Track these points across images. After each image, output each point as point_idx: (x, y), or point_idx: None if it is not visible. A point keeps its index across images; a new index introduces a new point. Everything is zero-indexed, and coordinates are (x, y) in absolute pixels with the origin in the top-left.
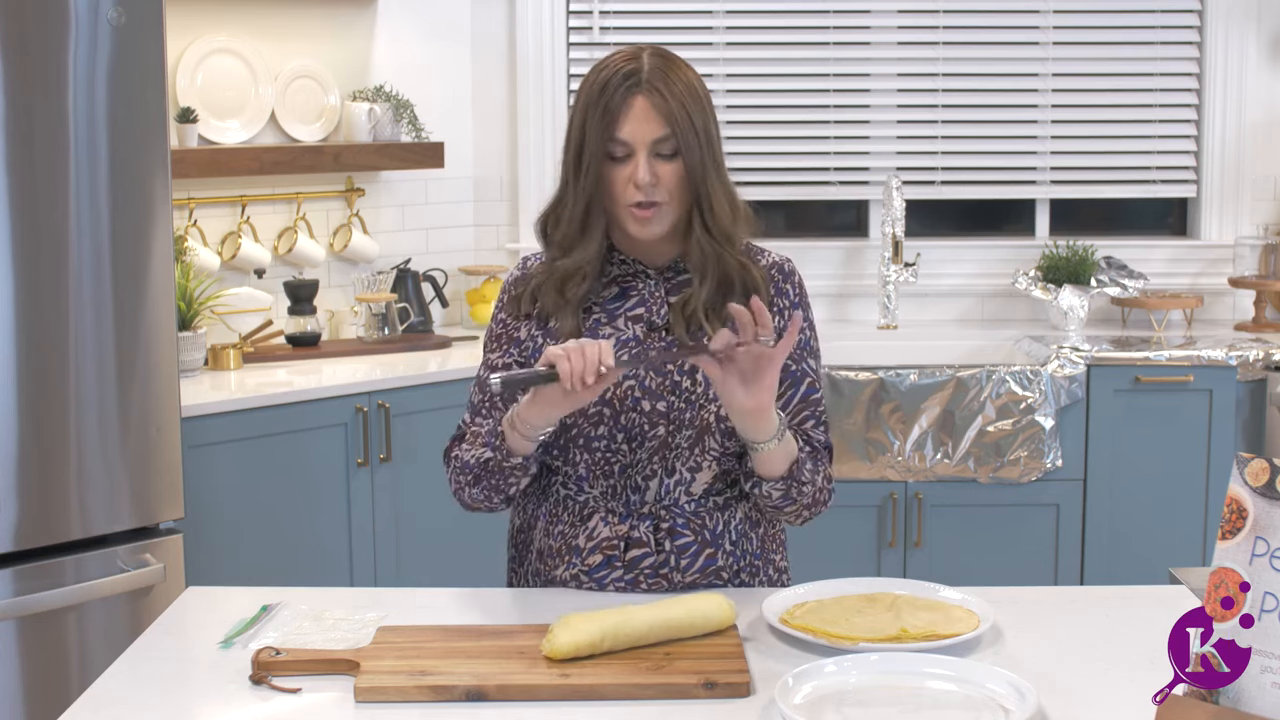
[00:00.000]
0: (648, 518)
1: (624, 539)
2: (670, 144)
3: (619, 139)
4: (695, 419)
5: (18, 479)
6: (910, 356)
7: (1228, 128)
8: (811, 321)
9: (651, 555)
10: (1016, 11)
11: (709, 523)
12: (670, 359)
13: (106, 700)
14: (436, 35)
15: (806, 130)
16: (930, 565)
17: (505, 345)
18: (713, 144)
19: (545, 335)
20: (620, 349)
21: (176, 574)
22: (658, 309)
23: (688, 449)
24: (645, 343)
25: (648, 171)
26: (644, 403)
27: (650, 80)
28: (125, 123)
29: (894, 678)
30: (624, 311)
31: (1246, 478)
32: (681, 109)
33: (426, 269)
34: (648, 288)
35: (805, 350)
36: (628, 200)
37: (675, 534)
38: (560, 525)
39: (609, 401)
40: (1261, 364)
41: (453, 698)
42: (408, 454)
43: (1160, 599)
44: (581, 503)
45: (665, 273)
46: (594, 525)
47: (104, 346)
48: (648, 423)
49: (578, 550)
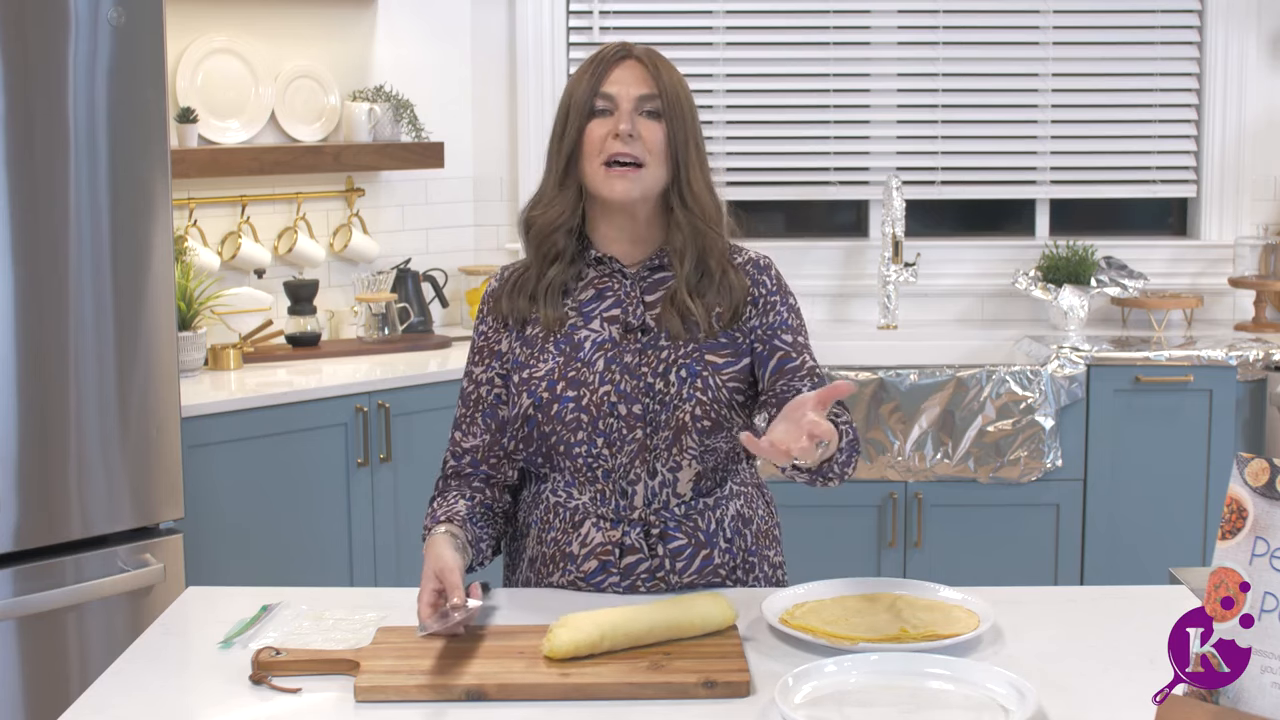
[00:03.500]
0: (638, 524)
1: (617, 545)
2: (655, 103)
3: (604, 93)
4: (671, 419)
5: (18, 479)
6: (910, 356)
7: (1228, 128)
8: (792, 306)
9: (646, 560)
10: (1016, 11)
11: (701, 524)
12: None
13: (106, 700)
14: (436, 35)
15: (806, 130)
16: (930, 565)
17: (488, 359)
18: (697, 129)
19: (523, 345)
20: (597, 350)
21: (176, 574)
22: (634, 309)
23: (665, 449)
24: (622, 344)
25: (630, 122)
26: (620, 407)
27: (643, 52)
28: (125, 123)
29: (894, 678)
30: (600, 312)
31: (1246, 478)
32: (670, 82)
33: (426, 269)
34: (624, 288)
35: (780, 329)
36: (605, 153)
37: (667, 537)
38: (553, 532)
39: (585, 408)
40: (1261, 364)
41: (453, 697)
42: (408, 454)
43: (1160, 599)
44: (572, 509)
45: (641, 271)
46: (586, 531)
47: (104, 346)
48: (625, 426)
49: (572, 557)
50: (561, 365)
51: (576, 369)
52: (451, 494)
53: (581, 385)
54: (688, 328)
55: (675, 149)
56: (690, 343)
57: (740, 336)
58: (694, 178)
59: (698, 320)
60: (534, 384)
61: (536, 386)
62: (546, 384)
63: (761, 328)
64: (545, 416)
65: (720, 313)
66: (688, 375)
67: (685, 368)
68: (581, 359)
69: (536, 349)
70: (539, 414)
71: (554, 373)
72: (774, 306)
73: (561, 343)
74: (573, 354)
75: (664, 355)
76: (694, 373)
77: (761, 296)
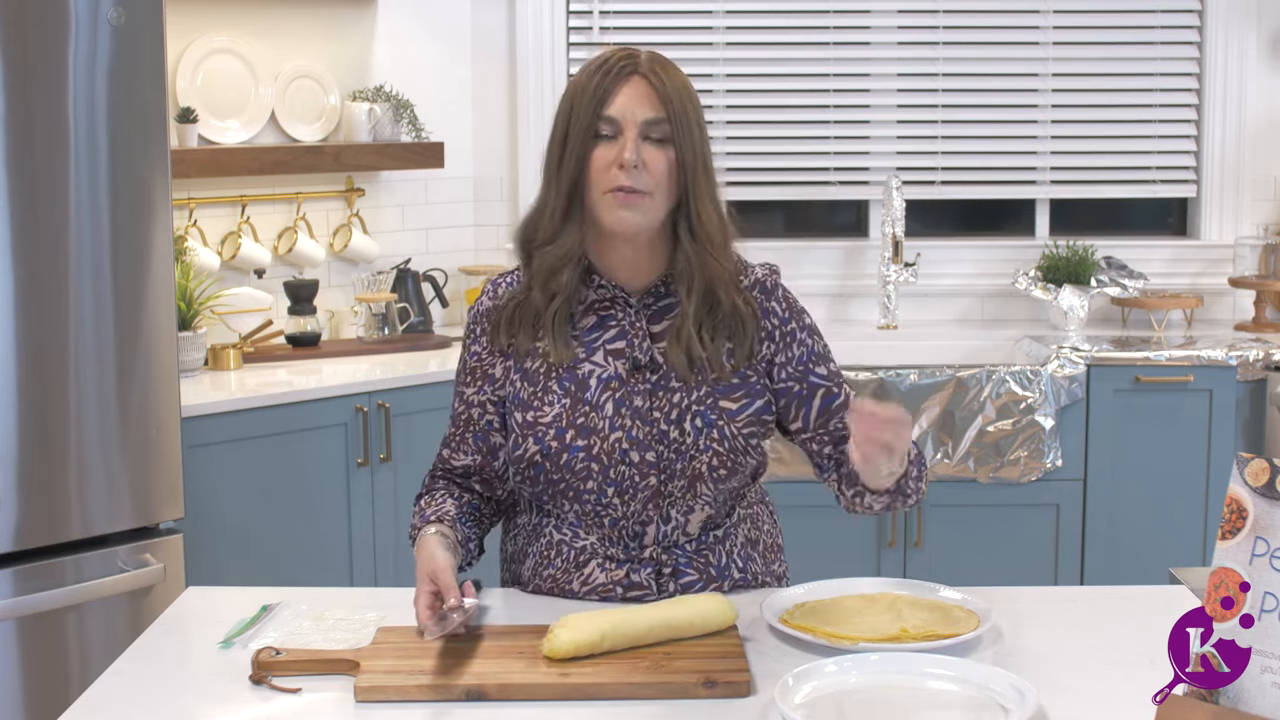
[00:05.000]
0: (649, 564)
1: (622, 584)
2: (662, 129)
3: (607, 116)
4: (686, 469)
5: (18, 479)
6: (910, 356)
7: (1228, 128)
8: (810, 327)
9: (654, 596)
10: (1016, 11)
11: (712, 559)
12: None
13: (106, 700)
14: (436, 35)
15: (806, 130)
16: (930, 565)
17: (480, 381)
18: (706, 148)
19: (524, 379)
20: (604, 390)
21: (176, 574)
22: (639, 342)
23: (680, 496)
24: (629, 384)
25: (634, 151)
26: (632, 454)
27: (649, 65)
28: (125, 123)
29: (894, 678)
30: (603, 343)
31: (1246, 478)
32: (678, 98)
33: (426, 269)
34: (628, 317)
35: (810, 361)
36: (609, 183)
37: (679, 574)
38: (551, 569)
39: (596, 457)
40: (1261, 364)
41: (453, 697)
42: (408, 454)
43: (1160, 599)
44: (578, 549)
45: (645, 298)
46: (590, 571)
47: (104, 346)
48: (638, 474)
49: (572, 594)
50: (569, 410)
51: (585, 414)
52: (439, 493)
53: (592, 433)
54: (697, 369)
55: (683, 174)
56: (702, 384)
57: (754, 375)
58: (702, 204)
59: (708, 360)
60: (540, 430)
61: (544, 435)
62: (555, 432)
63: (790, 364)
64: (554, 465)
65: (731, 349)
66: (703, 425)
67: (700, 416)
68: (589, 401)
69: (539, 387)
70: (546, 462)
71: (561, 419)
72: (794, 337)
73: (565, 380)
74: (579, 394)
75: (676, 400)
76: (709, 422)
77: (776, 328)
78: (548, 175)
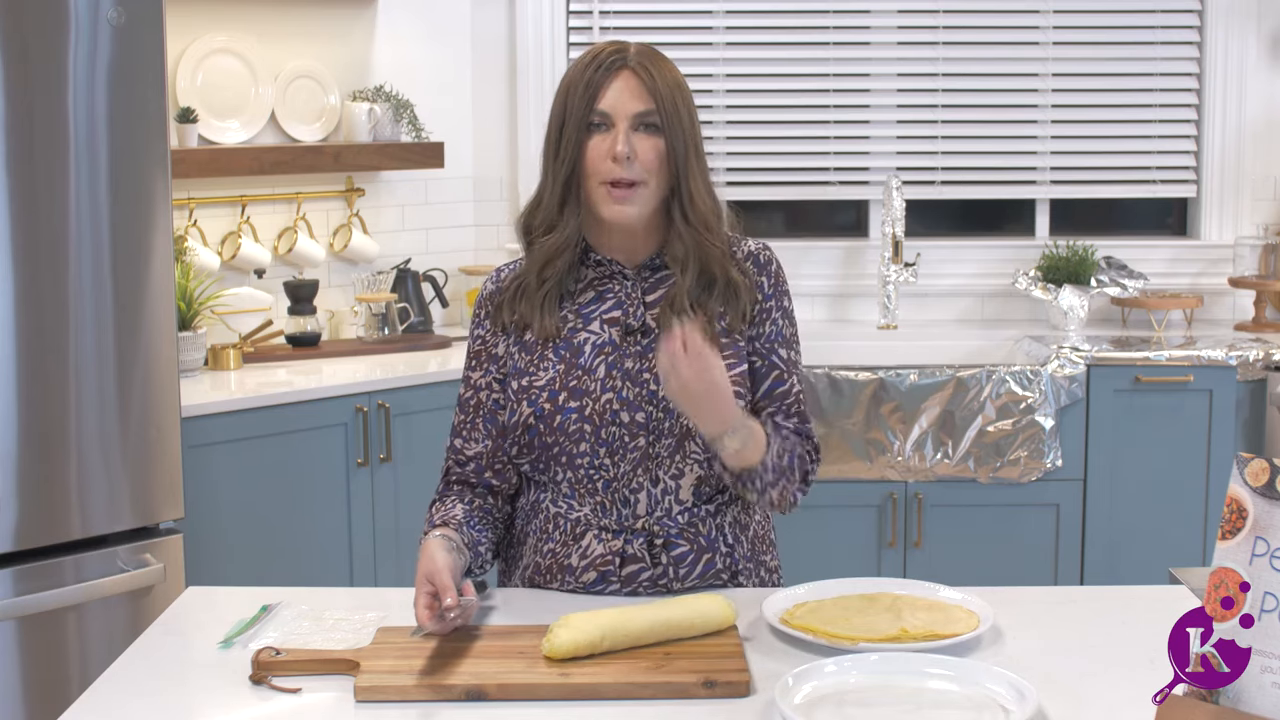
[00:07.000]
0: (641, 534)
1: (618, 554)
2: (653, 119)
3: (599, 109)
4: (674, 427)
5: (18, 479)
6: (910, 356)
7: (1228, 128)
8: (787, 310)
9: (648, 569)
10: (1016, 11)
11: (703, 529)
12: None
13: (106, 700)
14: (436, 35)
15: (806, 130)
16: (930, 565)
17: (485, 363)
18: (696, 133)
19: (522, 350)
20: (597, 355)
21: (176, 574)
22: (634, 310)
23: (668, 457)
24: (622, 347)
25: (626, 143)
26: (623, 414)
27: (638, 59)
28: (125, 123)
29: (894, 678)
30: (600, 314)
31: (1246, 478)
32: (667, 90)
33: (426, 269)
34: (624, 289)
35: (776, 341)
36: (603, 175)
37: (671, 545)
38: (550, 544)
39: (588, 418)
40: (1261, 364)
41: (453, 697)
42: (408, 454)
43: (1160, 599)
44: (573, 521)
45: (641, 271)
46: (587, 543)
47: (104, 346)
48: (628, 434)
49: (571, 569)
50: (562, 374)
51: (578, 377)
52: (450, 499)
53: (584, 395)
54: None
55: (675, 161)
56: None
57: (740, 340)
58: (694, 187)
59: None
60: (534, 393)
61: (537, 397)
62: (548, 394)
63: (759, 339)
64: (547, 427)
65: (723, 312)
66: None
67: None
68: (582, 365)
69: (536, 355)
70: (540, 424)
71: (555, 382)
72: (769, 315)
73: (561, 348)
74: (573, 360)
75: None
76: None
77: (758, 303)
78: (545, 166)
